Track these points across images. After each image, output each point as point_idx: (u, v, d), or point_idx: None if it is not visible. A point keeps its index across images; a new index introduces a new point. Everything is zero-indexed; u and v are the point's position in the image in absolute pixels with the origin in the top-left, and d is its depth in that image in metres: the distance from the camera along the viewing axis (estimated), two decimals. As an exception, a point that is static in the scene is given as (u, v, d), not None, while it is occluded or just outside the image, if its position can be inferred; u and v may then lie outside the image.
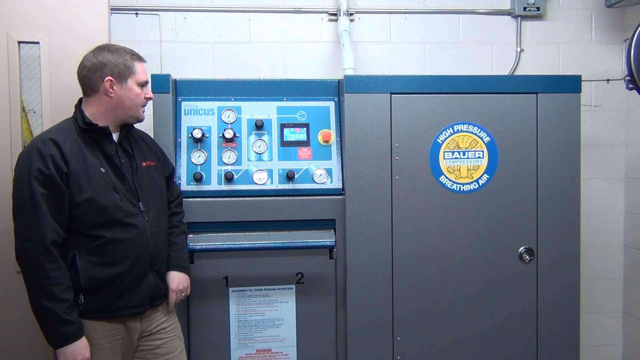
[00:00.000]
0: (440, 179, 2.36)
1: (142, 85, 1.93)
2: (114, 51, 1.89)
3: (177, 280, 2.03)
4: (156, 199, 1.96)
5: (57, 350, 1.74)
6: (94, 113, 1.87)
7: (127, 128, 1.96)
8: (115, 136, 1.91)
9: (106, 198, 1.79)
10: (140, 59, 1.94)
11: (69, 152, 1.77)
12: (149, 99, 1.97)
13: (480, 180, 2.37)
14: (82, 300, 1.78)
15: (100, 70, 1.85)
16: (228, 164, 2.32)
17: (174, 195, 2.15)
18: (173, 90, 2.34)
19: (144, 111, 1.97)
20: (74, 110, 1.91)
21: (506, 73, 3.00)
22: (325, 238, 2.29)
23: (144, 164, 1.97)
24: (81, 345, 1.74)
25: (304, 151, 2.37)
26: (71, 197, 1.76)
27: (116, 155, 1.88)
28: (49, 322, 1.72)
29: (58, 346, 1.73)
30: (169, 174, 2.14)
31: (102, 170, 1.82)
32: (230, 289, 2.30)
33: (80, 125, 1.84)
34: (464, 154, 2.37)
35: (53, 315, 1.71)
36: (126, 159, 1.92)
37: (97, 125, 1.85)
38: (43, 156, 1.73)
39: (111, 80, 1.85)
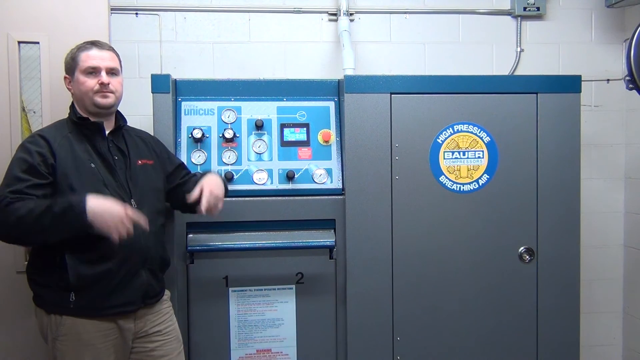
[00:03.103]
0: (440, 179, 2.36)
1: (89, 72, 1.86)
2: (71, 50, 1.92)
3: (213, 181, 1.96)
4: (151, 197, 1.95)
5: (89, 220, 1.65)
6: (80, 111, 1.91)
7: (119, 125, 1.96)
8: (107, 133, 1.92)
9: (94, 192, 1.78)
10: (88, 47, 1.88)
11: (57, 147, 1.79)
12: (102, 84, 1.85)
13: (480, 180, 2.38)
14: (73, 298, 1.78)
15: (64, 73, 1.94)
16: (228, 164, 2.32)
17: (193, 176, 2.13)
18: (173, 90, 2.34)
19: (102, 96, 1.86)
20: (68, 111, 1.94)
21: (506, 73, 2.99)
22: (325, 238, 2.29)
23: (139, 162, 1.96)
24: (93, 200, 1.67)
25: (304, 151, 2.37)
26: (58, 185, 1.76)
27: (108, 152, 1.88)
28: (54, 218, 1.66)
29: (84, 215, 1.65)
30: (177, 166, 2.11)
31: (92, 165, 1.82)
32: (230, 289, 2.30)
33: (74, 120, 1.87)
34: (464, 154, 2.37)
35: (49, 214, 1.65)
36: (120, 156, 1.92)
37: (89, 119, 1.88)
38: (30, 151, 1.77)
39: (66, 78, 1.92)
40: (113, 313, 1.83)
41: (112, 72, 1.90)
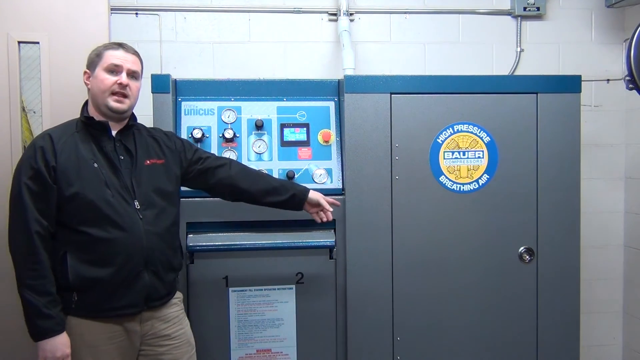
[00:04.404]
0: (440, 179, 2.36)
1: (111, 70, 1.86)
2: (96, 47, 1.92)
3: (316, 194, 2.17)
4: (157, 197, 1.92)
5: (36, 343, 1.75)
6: (90, 110, 1.91)
7: (128, 124, 1.94)
8: (114, 133, 1.90)
9: (95, 193, 1.78)
10: (115, 47, 1.89)
11: (61, 147, 1.79)
12: (120, 84, 1.85)
13: (480, 180, 2.38)
14: (76, 298, 1.78)
15: (85, 68, 1.93)
16: (228, 164, 2.32)
17: (216, 159, 2.12)
18: (173, 90, 2.34)
19: (117, 100, 1.85)
20: (79, 111, 1.94)
21: (506, 73, 3.00)
22: (325, 238, 2.29)
23: (147, 162, 1.94)
24: (60, 342, 1.74)
25: (304, 151, 2.37)
26: (60, 191, 1.77)
27: (114, 152, 1.87)
28: (29, 315, 1.74)
29: (37, 339, 1.74)
30: (196, 150, 2.10)
31: (95, 165, 1.82)
32: (230, 289, 2.30)
33: (82, 120, 1.88)
34: (464, 154, 2.37)
35: (33, 308, 1.72)
36: (126, 156, 1.90)
37: (94, 119, 1.87)
38: (35, 150, 1.78)
39: (87, 73, 1.91)
40: (115, 315, 1.82)
41: (133, 75, 1.90)
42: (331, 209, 2.18)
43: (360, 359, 2.33)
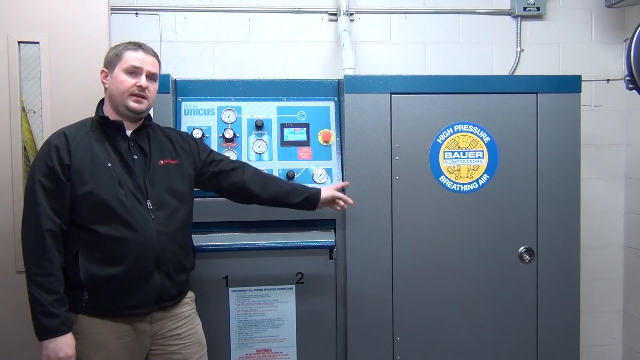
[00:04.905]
0: (440, 179, 2.36)
1: (130, 72, 1.86)
2: (115, 46, 1.92)
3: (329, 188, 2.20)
4: (170, 198, 1.91)
5: (41, 342, 1.74)
6: (106, 109, 1.91)
7: (143, 124, 1.94)
8: (129, 132, 1.90)
9: (108, 192, 1.78)
10: (135, 48, 1.89)
11: (75, 146, 1.80)
12: (139, 87, 1.85)
13: (480, 180, 2.38)
14: (86, 297, 1.78)
15: (102, 66, 1.92)
16: (228, 164, 2.32)
17: (229, 162, 2.12)
18: (173, 90, 2.34)
19: (136, 101, 1.86)
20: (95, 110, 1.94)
21: (506, 73, 3.00)
22: (325, 238, 2.29)
23: (161, 162, 1.93)
24: (64, 342, 1.74)
25: (304, 151, 2.38)
26: (73, 189, 1.77)
27: (128, 151, 1.87)
28: (35, 313, 1.73)
29: (41, 338, 1.74)
30: (210, 152, 2.10)
31: (109, 164, 1.82)
32: (230, 289, 2.30)
33: (96, 119, 1.88)
34: (464, 154, 2.37)
35: (39, 306, 1.71)
36: (140, 155, 1.89)
37: (109, 118, 1.87)
38: (49, 148, 1.79)
39: (104, 71, 1.90)
40: (125, 314, 1.82)
41: (151, 77, 1.91)
42: (350, 201, 2.20)
43: (360, 359, 2.33)
